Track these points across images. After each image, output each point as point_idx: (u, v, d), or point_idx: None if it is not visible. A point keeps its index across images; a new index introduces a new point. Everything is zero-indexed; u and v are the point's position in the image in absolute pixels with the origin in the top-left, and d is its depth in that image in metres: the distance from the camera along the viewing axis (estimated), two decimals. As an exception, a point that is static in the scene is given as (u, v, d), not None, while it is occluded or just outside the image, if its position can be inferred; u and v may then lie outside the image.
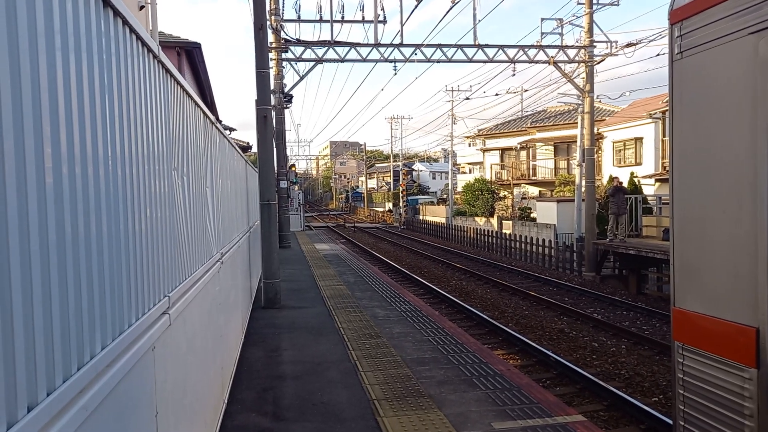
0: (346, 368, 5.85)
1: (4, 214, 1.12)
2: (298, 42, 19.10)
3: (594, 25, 18.61)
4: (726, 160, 3.08)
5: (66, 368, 1.40)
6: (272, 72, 18.77)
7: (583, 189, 19.59)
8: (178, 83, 3.07)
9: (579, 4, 18.70)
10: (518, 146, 35.09)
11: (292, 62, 19.71)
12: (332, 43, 18.62)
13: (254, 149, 19.38)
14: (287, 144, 23.41)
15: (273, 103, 16.68)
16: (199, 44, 13.95)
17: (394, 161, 60.49)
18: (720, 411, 3.07)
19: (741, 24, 3.00)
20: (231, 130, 23.15)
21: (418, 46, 18.82)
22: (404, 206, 49.33)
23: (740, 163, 2.98)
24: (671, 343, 3.52)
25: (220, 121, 21.00)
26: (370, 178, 74.61)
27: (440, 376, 5.54)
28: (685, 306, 3.39)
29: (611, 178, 18.38)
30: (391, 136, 57.84)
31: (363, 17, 18.82)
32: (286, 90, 20.35)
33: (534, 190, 33.53)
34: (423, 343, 6.73)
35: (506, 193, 35.34)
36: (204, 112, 4.11)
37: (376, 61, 19.25)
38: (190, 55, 14.24)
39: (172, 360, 2.63)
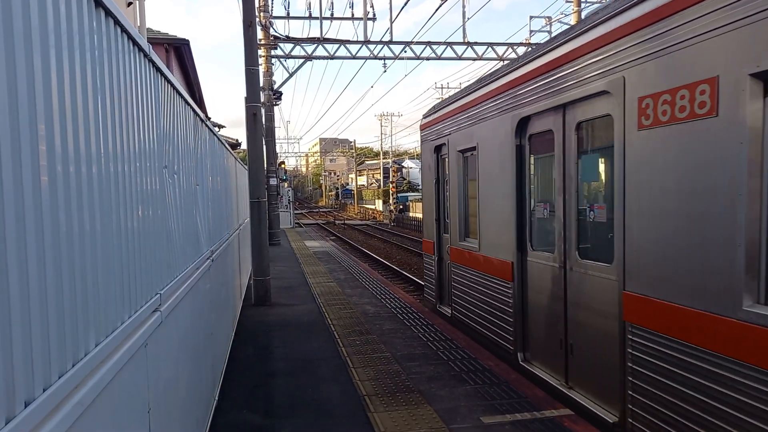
0: (337, 365, 5.88)
1: (1, 214, 1.13)
2: (288, 39, 19.05)
3: (582, 23, 18.76)
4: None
5: (61, 365, 1.42)
6: (261, 69, 18.70)
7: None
8: (168, 81, 3.08)
9: (567, 2, 18.83)
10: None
11: (281, 59, 19.66)
12: (322, 40, 18.59)
13: (244, 146, 19.32)
14: (277, 141, 23.34)
15: (262, 100, 16.62)
16: (188, 41, 13.88)
17: (384, 158, 60.48)
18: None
19: (431, 137, 8.29)
20: (220, 127, 23.03)
21: (407, 44, 18.84)
22: (394, 203, 49.38)
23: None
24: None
25: (209, 119, 20.86)
26: (360, 176, 74.54)
27: (430, 371, 5.58)
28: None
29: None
30: (381, 134, 57.87)
31: (352, 14, 18.82)
32: (275, 87, 20.29)
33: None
34: (413, 340, 6.78)
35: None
36: (194, 110, 4.11)
37: (366, 58, 19.25)
38: (178, 51, 14.16)
39: (164, 357, 2.64)
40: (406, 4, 16.56)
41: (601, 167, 4.68)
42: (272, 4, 19.68)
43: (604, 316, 4.38)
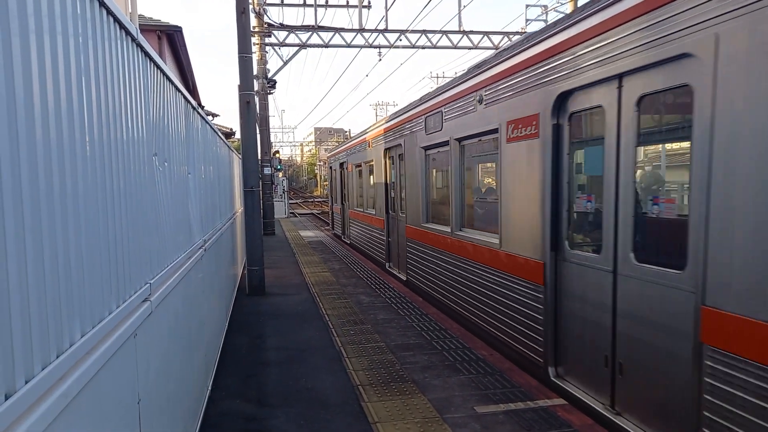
0: (331, 354, 5.87)
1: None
2: (282, 26, 18.86)
3: (578, 12, 18.65)
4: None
5: (45, 356, 1.39)
6: (255, 57, 18.52)
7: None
8: (158, 67, 3.02)
9: (564, -10, 18.70)
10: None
11: (275, 47, 19.48)
12: (316, 28, 18.42)
13: (238, 135, 19.18)
14: (271, 130, 23.14)
15: (256, 88, 16.46)
16: (180, 28, 13.71)
17: (379, 148, 60.25)
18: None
19: (331, 161, 19.97)
20: (214, 115, 22.86)
21: (402, 32, 18.70)
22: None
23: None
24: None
25: (203, 107, 20.70)
26: (355, 165, 74.18)
27: (424, 361, 5.59)
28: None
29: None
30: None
31: (347, 2, 18.64)
32: (269, 75, 20.12)
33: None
34: (407, 329, 6.78)
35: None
36: (185, 97, 4.05)
37: (361, 46, 19.10)
38: (171, 39, 13.99)
39: (154, 347, 2.62)
40: (401, -9, 16.41)
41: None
42: (266, -9, 19.42)
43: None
